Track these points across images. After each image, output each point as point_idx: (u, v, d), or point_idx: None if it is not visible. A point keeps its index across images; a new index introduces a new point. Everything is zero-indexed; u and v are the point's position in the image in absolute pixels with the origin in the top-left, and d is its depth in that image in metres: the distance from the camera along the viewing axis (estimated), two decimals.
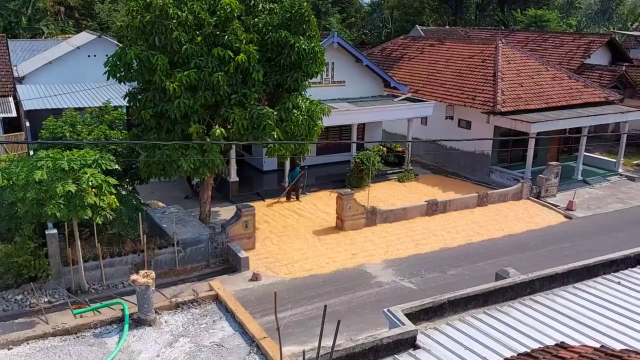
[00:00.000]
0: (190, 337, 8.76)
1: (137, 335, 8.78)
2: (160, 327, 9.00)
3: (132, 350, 8.38)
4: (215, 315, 9.35)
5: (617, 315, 8.56)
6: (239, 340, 8.63)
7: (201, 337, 8.76)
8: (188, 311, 9.45)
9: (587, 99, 28.55)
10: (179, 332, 8.90)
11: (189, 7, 16.97)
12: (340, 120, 25.22)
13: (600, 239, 20.71)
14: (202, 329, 8.94)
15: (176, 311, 9.46)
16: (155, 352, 8.30)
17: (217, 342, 8.59)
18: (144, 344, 8.55)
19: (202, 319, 9.25)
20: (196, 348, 8.45)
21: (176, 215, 19.32)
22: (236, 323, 9.04)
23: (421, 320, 8.61)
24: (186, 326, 9.02)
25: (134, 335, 8.76)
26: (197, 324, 9.08)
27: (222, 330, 8.90)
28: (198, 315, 9.36)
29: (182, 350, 8.37)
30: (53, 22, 47.64)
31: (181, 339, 8.68)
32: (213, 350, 8.40)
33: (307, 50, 17.53)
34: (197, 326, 9.03)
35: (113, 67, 17.15)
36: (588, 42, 36.25)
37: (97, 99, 24.11)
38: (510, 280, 9.46)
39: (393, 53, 36.06)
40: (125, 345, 8.48)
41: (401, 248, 19.78)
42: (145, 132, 18.01)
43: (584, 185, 27.06)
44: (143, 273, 9.05)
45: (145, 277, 8.92)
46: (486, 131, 26.88)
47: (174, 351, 8.34)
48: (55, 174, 13.55)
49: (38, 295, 15.48)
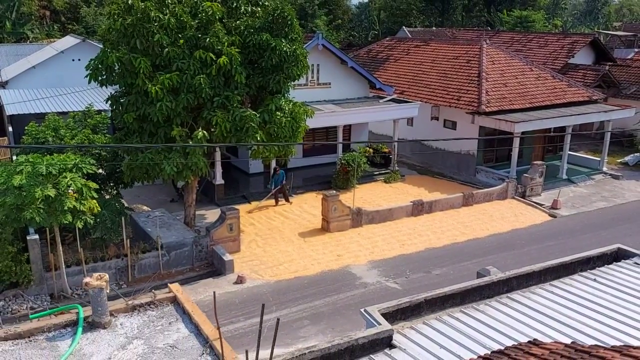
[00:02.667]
0: (145, 339, 8.74)
1: (90, 338, 8.75)
2: (114, 329, 8.97)
3: (84, 353, 8.34)
4: (172, 317, 9.33)
5: (592, 312, 8.63)
6: (193, 342, 8.63)
7: (155, 339, 8.75)
8: (145, 313, 9.42)
9: (570, 99, 28.79)
10: (134, 334, 8.87)
11: (170, 10, 16.93)
12: (326, 122, 25.26)
13: (584, 237, 20.87)
14: (157, 331, 8.92)
15: (132, 313, 9.42)
16: (107, 355, 8.27)
17: (171, 343, 8.58)
18: (97, 346, 8.52)
19: (158, 321, 9.22)
20: (149, 350, 8.43)
21: (160, 219, 19.25)
22: (192, 325, 9.02)
23: (398, 319, 8.64)
24: (141, 328, 8.99)
25: (87, 338, 8.73)
26: (152, 326, 9.06)
27: (178, 332, 8.89)
28: (154, 317, 9.34)
29: (134, 352, 8.35)
30: (38, 27, 47.32)
31: (135, 341, 8.65)
32: (166, 351, 8.38)
33: (289, 53, 17.54)
34: (153, 328, 9.00)
35: (94, 71, 17.08)
36: (572, 42, 36.58)
37: (81, 103, 23.95)
38: (487, 278, 9.51)
39: (379, 54, 36.18)
40: (77, 349, 8.43)
41: (386, 249, 19.82)
42: (128, 136, 17.92)
43: (568, 184, 27.27)
44: (96, 276, 9.01)
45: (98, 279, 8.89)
46: (471, 131, 27.02)
47: (126, 353, 8.32)
48: (34, 178, 13.46)
49: (20, 301, 15.36)
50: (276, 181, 23.29)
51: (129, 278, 16.93)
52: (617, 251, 11.06)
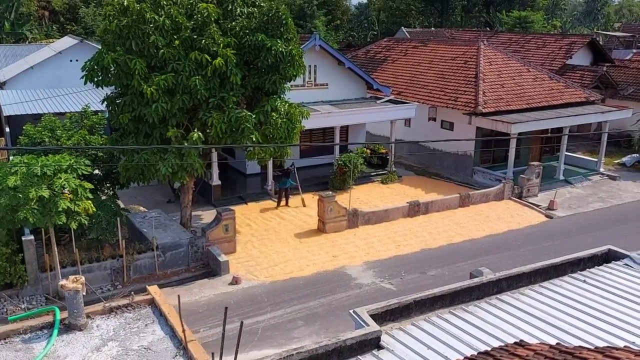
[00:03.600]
0: (120, 341, 8.78)
1: (65, 340, 8.78)
2: (90, 331, 9.00)
3: (58, 355, 8.39)
4: (149, 319, 9.36)
5: (580, 313, 8.66)
6: (167, 344, 8.66)
7: (130, 341, 8.78)
8: (122, 315, 9.46)
9: (568, 99, 28.82)
10: (109, 336, 8.92)
11: (166, 11, 16.96)
12: (323, 123, 25.29)
13: (580, 238, 20.89)
14: (132, 333, 8.96)
15: (109, 316, 9.46)
16: (80, 357, 8.32)
17: (145, 345, 8.62)
18: (72, 348, 8.56)
19: (135, 323, 9.27)
20: (123, 352, 8.47)
21: (157, 219, 19.30)
22: (168, 327, 9.05)
23: (387, 321, 8.67)
24: (117, 330, 9.03)
25: (63, 340, 8.77)
26: (128, 328, 9.10)
27: (153, 334, 8.93)
28: (131, 320, 9.38)
29: (108, 354, 8.39)
30: (37, 27, 47.38)
31: (110, 343, 8.69)
32: (140, 353, 8.42)
33: (285, 53, 17.57)
34: (128, 330, 9.04)
35: (90, 72, 17.12)
36: (570, 43, 36.59)
37: (78, 104, 24.00)
38: (477, 280, 9.54)
39: (377, 55, 36.21)
40: (52, 350, 8.46)
41: (382, 249, 19.85)
42: (124, 137, 17.97)
43: (565, 184, 27.29)
44: (72, 278, 9.03)
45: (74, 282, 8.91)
46: (468, 132, 27.06)
47: (100, 355, 8.37)
48: (29, 179, 13.50)
49: (15, 302, 15.41)
50: (285, 182, 23.17)
51: (125, 279, 16.97)
52: (607, 252, 11.09)
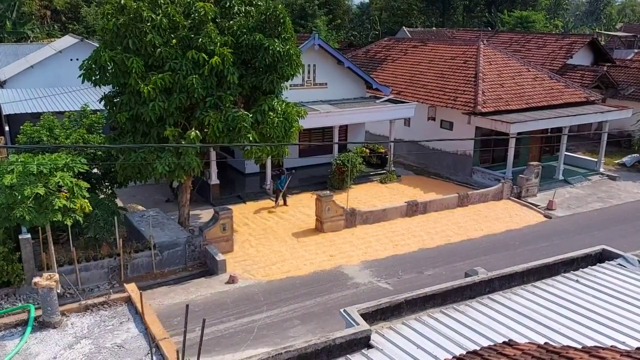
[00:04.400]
0: (93, 338, 8.79)
1: (39, 337, 8.80)
2: (64, 329, 9.01)
3: (30, 352, 8.41)
4: (124, 317, 9.37)
5: (571, 313, 8.64)
6: (141, 342, 8.67)
7: (104, 339, 8.80)
8: (97, 313, 9.47)
9: (567, 99, 28.76)
10: (83, 333, 8.93)
11: (163, 10, 17.00)
12: (322, 122, 25.29)
13: (578, 238, 20.85)
14: (107, 331, 8.98)
15: (85, 313, 9.46)
16: (52, 354, 8.33)
17: (118, 343, 8.63)
18: (44, 346, 8.57)
19: (110, 321, 9.28)
20: (96, 349, 8.49)
21: (154, 218, 19.33)
22: (142, 325, 9.06)
23: (378, 320, 8.67)
24: (92, 328, 9.04)
25: (36, 338, 8.79)
26: (103, 326, 9.11)
27: (127, 332, 8.94)
28: (106, 317, 9.40)
29: (81, 352, 8.40)
30: (39, 26, 47.50)
31: (83, 340, 8.70)
32: (112, 351, 8.44)
33: (282, 53, 17.58)
34: (103, 328, 9.06)
35: (88, 71, 17.15)
36: (570, 43, 36.51)
37: (77, 103, 24.06)
38: (469, 279, 9.53)
39: (377, 55, 36.19)
40: (24, 348, 8.48)
41: (379, 249, 19.85)
42: (122, 136, 18.00)
43: (565, 184, 27.24)
44: (46, 276, 9.05)
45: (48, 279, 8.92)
46: (468, 132, 27.03)
47: (72, 353, 8.37)
48: (25, 178, 13.54)
49: (12, 300, 15.45)
50: (281, 182, 23.22)
51: (122, 277, 16.99)
52: (601, 252, 11.07)
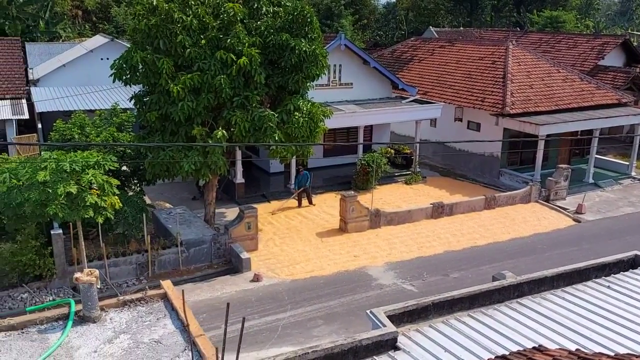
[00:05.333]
0: (131, 333, 8.93)
1: (79, 331, 8.97)
2: (103, 324, 9.17)
3: (72, 345, 8.58)
4: (160, 313, 9.49)
5: (602, 319, 8.48)
6: (177, 338, 8.77)
7: (142, 334, 8.93)
8: (134, 309, 9.61)
9: (599, 101, 28.19)
10: (122, 329, 9.07)
11: (193, 11, 17.20)
12: (347, 122, 25.28)
13: (609, 242, 20.43)
14: (144, 326, 9.11)
15: (122, 309, 9.63)
16: (93, 348, 8.48)
17: (156, 339, 8.75)
18: (85, 340, 8.74)
19: (147, 317, 9.41)
20: (134, 344, 8.61)
21: (181, 216, 19.57)
22: (179, 321, 9.18)
23: (404, 322, 8.63)
24: (129, 323, 9.19)
25: (77, 332, 8.96)
26: (140, 321, 9.25)
27: (164, 328, 9.06)
28: (143, 313, 9.53)
29: (120, 346, 8.54)
30: (70, 26, 48.47)
31: (122, 335, 8.85)
32: (150, 346, 8.55)
33: (308, 53, 17.62)
34: (140, 323, 9.20)
35: (119, 70, 17.45)
36: (602, 44, 35.76)
37: (107, 101, 24.51)
38: (497, 283, 9.42)
39: (403, 55, 36.00)
40: (65, 341, 8.66)
41: (404, 251, 19.74)
42: (151, 134, 18.28)
43: (595, 188, 26.70)
44: (87, 271, 9.23)
45: (88, 275, 9.10)
46: (495, 133, 26.71)
47: (112, 347, 8.52)
48: (58, 174, 13.84)
49: (44, 293, 15.83)
50: (299, 182, 23.29)
51: (149, 273, 17.27)
52: (634, 258, 10.83)
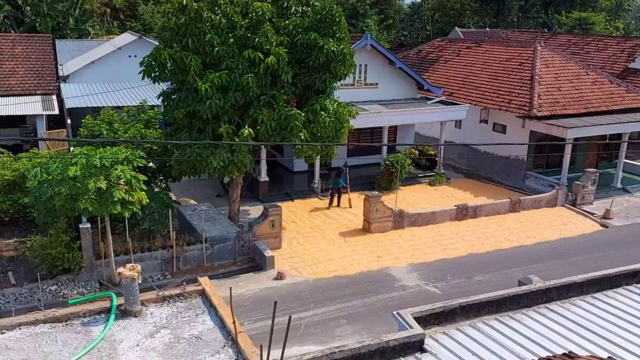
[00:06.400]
0: (172, 329, 9.05)
1: (122, 325, 9.14)
2: (144, 318, 9.32)
3: (115, 338, 8.74)
4: (199, 309, 9.61)
5: (633, 327, 8.32)
6: (217, 334, 8.87)
7: (182, 330, 9.05)
8: (174, 304, 9.75)
9: (629, 105, 27.65)
10: (162, 323, 9.20)
11: (222, 10, 17.34)
12: (372, 122, 25.24)
13: (637, 249, 20.07)
14: (184, 322, 9.24)
15: (162, 304, 9.77)
16: (135, 342, 8.64)
17: (195, 334, 8.86)
18: (127, 333, 8.91)
19: (186, 312, 9.53)
20: (175, 339, 8.74)
21: (206, 212, 19.74)
22: (217, 318, 9.27)
23: (431, 324, 8.60)
24: (170, 318, 9.32)
25: (119, 325, 9.13)
26: (180, 317, 9.38)
27: (203, 324, 9.16)
28: (182, 309, 9.66)
29: (161, 341, 8.67)
30: (99, 23, 49.28)
31: (162, 330, 8.98)
32: (190, 342, 8.67)
33: (336, 52, 17.65)
34: (180, 319, 9.32)
35: (148, 67, 17.71)
36: (633, 46, 35.05)
37: (135, 98, 24.86)
38: (525, 287, 9.33)
39: (429, 55, 35.77)
40: (109, 334, 8.84)
41: (428, 252, 19.64)
42: (178, 131, 18.50)
43: (623, 193, 26.21)
44: (130, 266, 9.40)
45: (131, 270, 9.26)
46: (521, 136, 26.38)
47: (153, 341, 8.65)
48: (88, 170, 14.11)
49: (71, 286, 16.13)
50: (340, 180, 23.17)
51: (174, 269, 17.48)
52: None
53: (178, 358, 8.26)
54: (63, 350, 8.43)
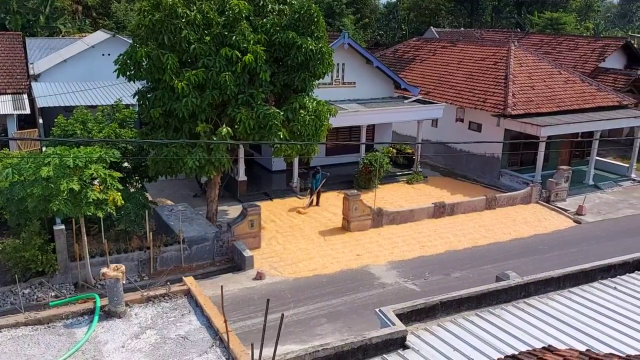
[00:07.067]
0: (157, 329, 8.93)
1: (106, 326, 8.99)
2: (129, 319, 9.18)
3: (99, 340, 8.59)
4: (185, 309, 9.50)
5: (610, 320, 8.51)
6: (204, 334, 8.79)
7: (168, 330, 8.95)
8: (159, 305, 9.62)
9: (600, 103, 28.26)
10: (147, 324, 9.08)
11: (197, 7, 17.17)
12: (350, 121, 25.29)
13: (609, 244, 20.50)
14: (170, 322, 9.13)
15: (147, 304, 9.63)
16: (120, 343, 8.50)
17: (182, 334, 8.76)
18: (112, 334, 8.77)
19: (172, 313, 9.42)
20: (161, 340, 8.63)
21: (183, 213, 19.54)
22: (204, 317, 9.19)
23: (413, 321, 8.65)
24: (155, 319, 9.19)
25: (103, 327, 8.98)
26: (165, 317, 9.26)
27: (189, 324, 9.07)
28: (168, 309, 9.54)
29: (147, 341, 8.55)
30: (70, 21, 48.35)
31: (148, 330, 8.86)
32: (177, 342, 8.57)
33: (315, 51, 17.63)
34: (166, 319, 9.21)
35: (123, 65, 17.42)
36: (603, 46, 35.85)
37: (109, 97, 24.45)
38: (504, 283, 9.45)
39: (405, 55, 36.02)
40: (93, 336, 8.67)
41: (406, 250, 19.78)
42: (154, 131, 18.25)
43: (595, 190, 26.79)
44: (113, 267, 9.23)
45: (115, 270, 9.11)
46: (496, 134, 26.75)
47: (139, 342, 8.53)
48: (61, 170, 13.81)
49: (45, 289, 15.79)
50: (317, 181, 23.20)
51: (151, 270, 17.25)
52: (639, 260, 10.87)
53: (165, 358, 8.14)
54: (46, 353, 8.24)
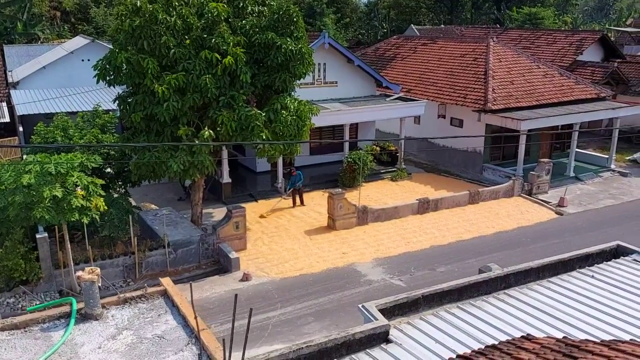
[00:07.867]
0: (134, 329, 9.04)
1: (82, 328, 9.07)
2: (106, 321, 9.28)
3: (76, 342, 8.67)
4: (162, 309, 9.61)
5: (587, 308, 8.71)
6: (180, 333, 8.90)
7: (144, 330, 9.04)
8: (135, 306, 9.72)
9: (578, 96, 28.69)
10: (124, 325, 9.18)
11: (177, 12, 17.15)
12: (332, 121, 25.40)
13: (590, 234, 20.83)
14: (146, 322, 9.23)
15: (124, 306, 9.73)
16: (97, 345, 8.59)
17: (159, 334, 8.86)
18: (88, 337, 8.85)
19: (148, 313, 9.51)
20: (137, 340, 8.73)
21: (168, 217, 19.49)
22: (180, 317, 9.28)
23: (396, 315, 8.78)
24: (132, 320, 9.29)
25: (80, 329, 9.06)
26: (142, 318, 9.36)
27: (166, 324, 9.17)
28: (145, 310, 9.64)
29: (123, 342, 8.66)
30: (49, 27, 47.91)
31: (125, 331, 8.96)
32: (154, 341, 8.67)
33: (295, 52, 17.69)
34: (142, 320, 9.31)
35: (102, 71, 17.36)
36: (580, 39, 36.37)
37: (89, 103, 24.32)
38: (485, 275, 9.62)
39: (386, 53, 36.23)
40: (69, 338, 8.76)
41: (392, 246, 19.93)
42: (136, 135, 18.19)
43: (576, 181, 27.20)
44: (89, 270, 9.32)
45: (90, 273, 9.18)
46: (478, 129, 27.04)
47: (115, 343, 8.63)
48: (43, 177, 13.74)
49: (30, 298, 15.68)
50: (293, 182, 23.28)
51: (137, 275, 17.20)
52: (616, 248, 11.12)
53: (141, 358, 8.20)
54: (22, 357, 8.26)
